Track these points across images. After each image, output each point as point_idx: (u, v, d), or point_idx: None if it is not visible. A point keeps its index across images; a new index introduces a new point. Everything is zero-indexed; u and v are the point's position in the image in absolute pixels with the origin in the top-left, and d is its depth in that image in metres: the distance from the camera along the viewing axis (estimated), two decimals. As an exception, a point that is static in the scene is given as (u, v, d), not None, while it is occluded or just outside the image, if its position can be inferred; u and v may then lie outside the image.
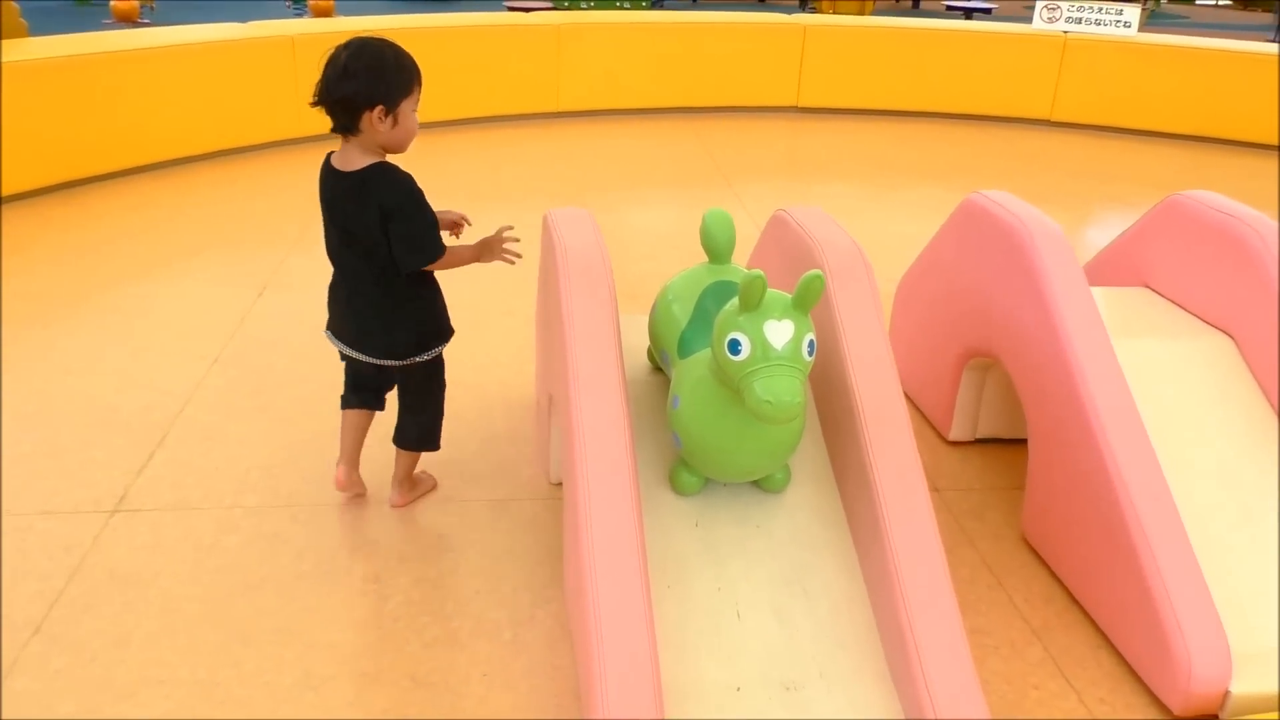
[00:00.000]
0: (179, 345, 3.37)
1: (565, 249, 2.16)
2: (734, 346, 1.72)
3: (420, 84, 2.13)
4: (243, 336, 3.46)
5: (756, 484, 2.04)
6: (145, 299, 3.78)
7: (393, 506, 2.49)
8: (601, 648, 1.68)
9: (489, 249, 2.33)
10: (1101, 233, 4.94)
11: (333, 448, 2.73)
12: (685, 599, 1.89)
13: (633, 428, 1.94)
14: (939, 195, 5.67)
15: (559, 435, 2.47)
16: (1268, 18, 17.15)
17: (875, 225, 4.81)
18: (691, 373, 1.94)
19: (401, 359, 2.30)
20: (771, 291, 1.74)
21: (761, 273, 1.69)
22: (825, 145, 6.85)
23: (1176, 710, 1.91)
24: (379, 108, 2.07)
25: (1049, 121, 7.64)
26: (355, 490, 2.51)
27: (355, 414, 2.45)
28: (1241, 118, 7.14)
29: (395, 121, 2.11)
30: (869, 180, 5.97)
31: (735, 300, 1.77)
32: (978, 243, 2.61)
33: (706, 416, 1.88)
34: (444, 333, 2.38)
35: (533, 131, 6.88)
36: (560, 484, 2.58)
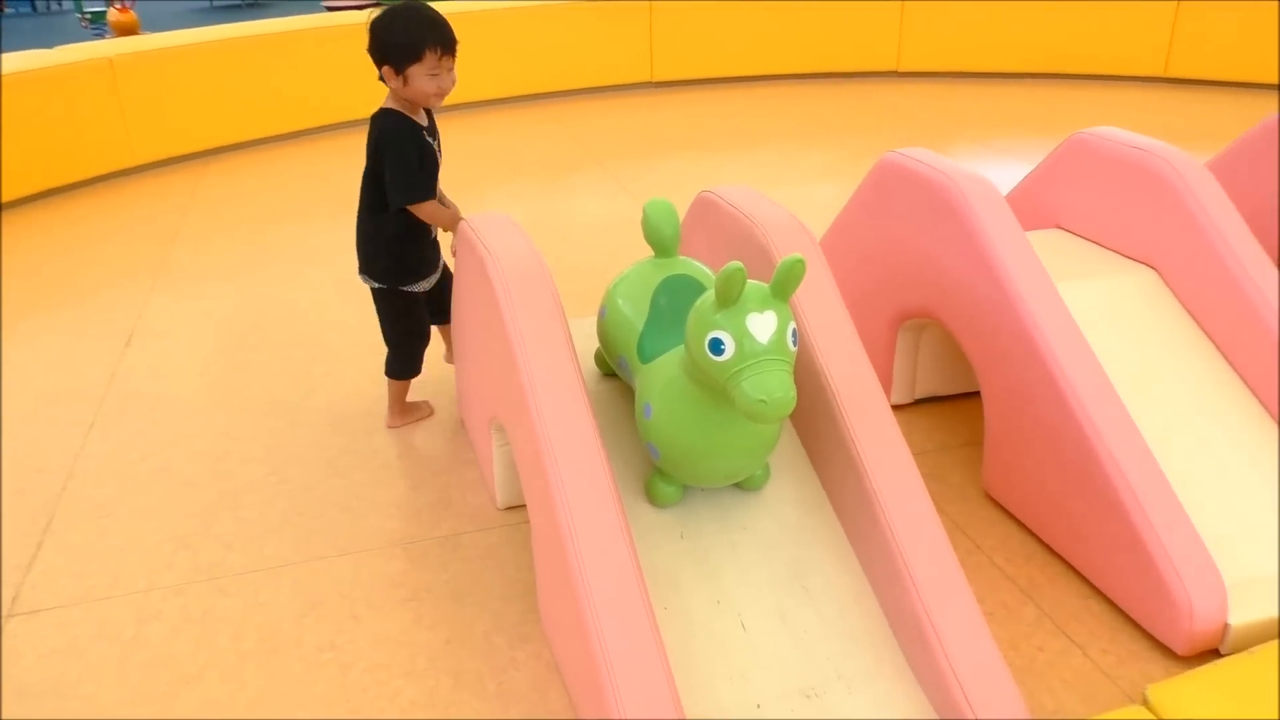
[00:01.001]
0: (45, 413, 3.02)
1: (497, 260, 1.99)
2: (716, 346, 1.60)
3: (440, 52, 2.38)
4: (118, 394, 3.12)
5: (736, 484, 1.93)
6: (-6, 365, 3.39)
7: (388, 427, 2.80)
8: (615, 685, 1.54)
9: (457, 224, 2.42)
10: (989, 175, 5.03)
11: (247, 504, 2.50)
12: (686, 618, 1.77)
13: (604, 444, 1.79)
14: (815, 156, 5.68)
15: (505, 458, 2.31)
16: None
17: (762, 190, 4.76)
18: (660, 377, 1.81)
19: (362, 274, 2.64)
20: (748, 283, 1.62)
21: (740, 264, 1.57)
22: (686, 117, 6.77)
23: (1181, 650, 1.90)
24: (387, 67, 2.41)
25: (896, 72, 7.78)
26: (417, 415, 2.84)
27: None
28: (1071, 50, 7.42)
29: (405, 81, 2.41)
30: (739, 148, 5.93)
31: (708, 296, 1.64)
32: (903, 203, 2.56)
33: (685, 422, 1.75)
34: (395, 273, 2.60)
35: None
36: (511, 509, 2.41)
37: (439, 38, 2.38)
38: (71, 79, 5.41)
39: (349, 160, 5.87)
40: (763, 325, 1.59)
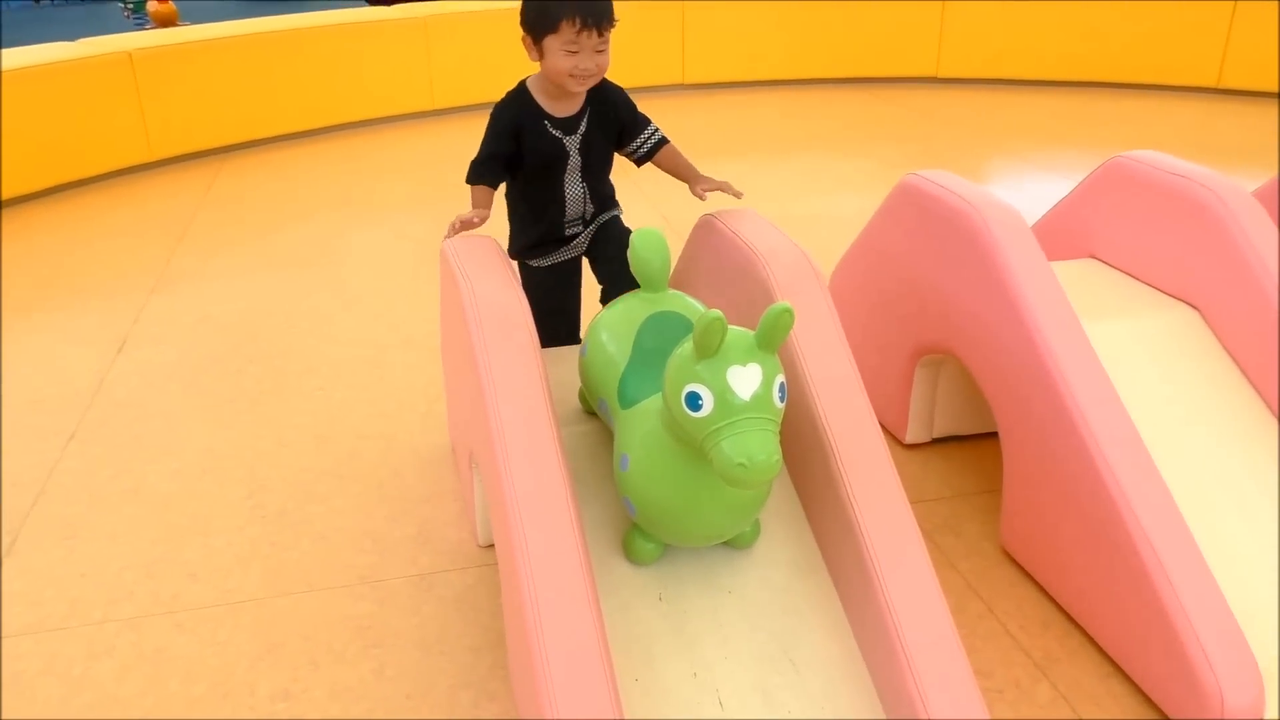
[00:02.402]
0: (26, 421, 2.93)
1: (474, 292, 1.84)
2: (693, 401, 1.44)
3: (580, 24, 2.11)
4: (103, 402, 3.02)
5: (724, 542, 1.77)
6: (-16, 367, 3.30)
7: None
8: (569, 773, 1.39)
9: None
10: (1021, 192, 4.81)
11: (218, 530, 2.38)
12: (658, 692, 1.61)
13: (575, 496, 1.64)
14: (846, 165, 5.49)
15: (484, 494, 2.17)
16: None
17: (786, 205, 4.58)
18: (639, 426, 1.65)
19: None
20: (731, 330, 1.46)
21: (719, 313, 1.40)
22: (716, 121, 6.59)
23: (1210, 744, 1.72)
24: (526, 36, 2.20)
25: (935, 78, 7.55)
26: None
27: None
28: (1122, 60, 7.15)
29: (541, 54, 2.19)
30: (769, 155, 5.74)
31: (687, 344, 1.48)
32: (923, 230, 2.38)
33: (663, 477, 1.59)
34: (516, 246, 2.46)
35: (407, 132, 6.46)
36: (491, 546, 2.26)
37: (582, 7, 2.11)
38: (91, 72, 5.35)
39: (364, 161, 5.82)
40: (746, 379, 1.43)
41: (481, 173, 2.32)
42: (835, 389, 1.81)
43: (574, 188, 2.35)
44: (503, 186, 2.42)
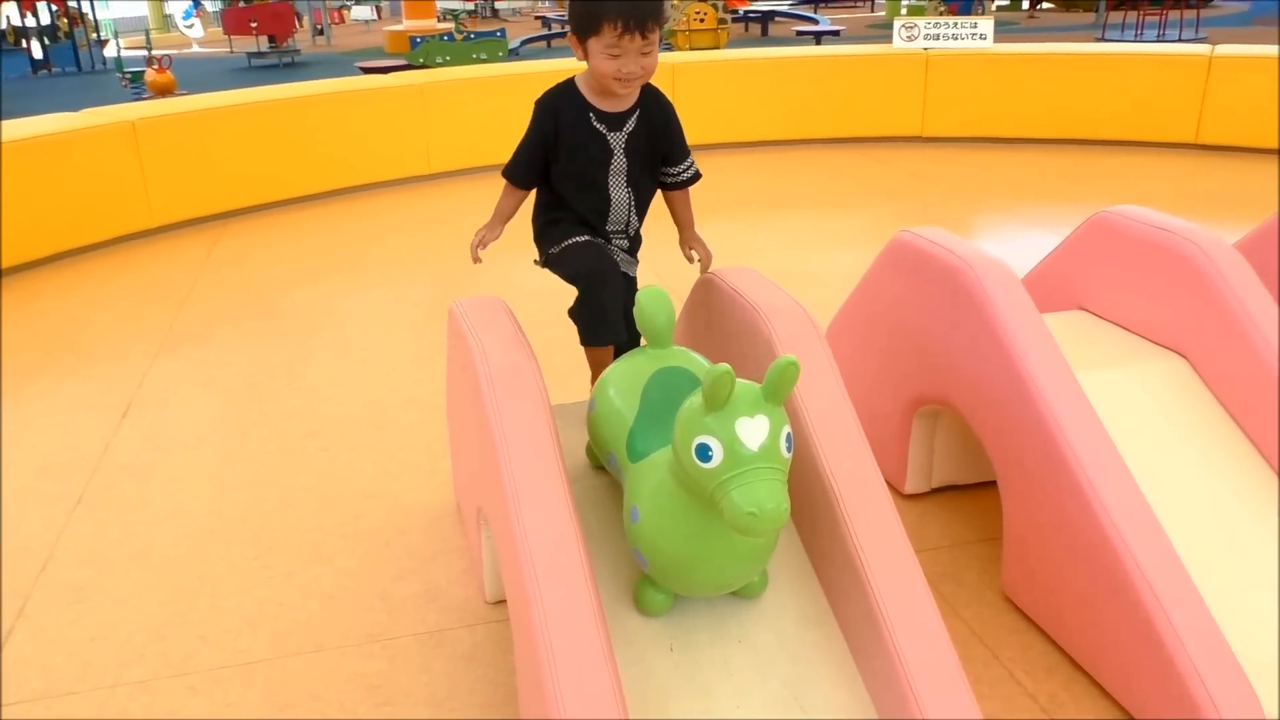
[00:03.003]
0: (32, 486, 2.95)
1: (484, 351, 1.89)
2: (703, 452, 1.48)
3: (622, 28, 2.03)
4: (109, 466, 3.05)
5: (733, 592, 1.80)
6: (-11, 434, 3.33)
7: None
8: (588, 826, 1.40)
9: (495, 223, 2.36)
10: (1009, 246, 4.90)
11: (226, 591, 2.40)
12: (672, 742, 1.63)
13: (588, 550, 1.67)
14: (840, 222, 5.59)
15: (493, 550, 2.19)
16: (1090, 17, 18.08)
17: (781, 262, 4.66)
18: (648, 479, 1.69)
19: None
20: (739, 384, 1.51)
21: (728, 367, 1.45)
22: (709, 182, 6.70)
23: (1216, 787, 1.73)
24: (573, 36, 2.13)
25: (920, 138, 7.71)
26: None
27: None
28: (1101, 117, 7.33)
29: (586, 54, 2.12)
30: (764, 213, 5.85)
31: (696, 398, 1.53)
32: (917, 285, 2.44)
33: (673, 529, 1.63)
34: (540, 249, 2.41)
35: (406, 197, 6.57)
36: (500, 603, 2.28)
37: (625, 9, 2.01)
38: (95, 142, 5.45)
39: (363, 225, 5.91)
40: (753, 431, 1.48)
41: (514, 167, 2.28)
42: (838, 441, 1.85)
43: (619, 191, 2.27)
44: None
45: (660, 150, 2.31)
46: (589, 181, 2.25)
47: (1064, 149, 7.30)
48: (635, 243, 2.43)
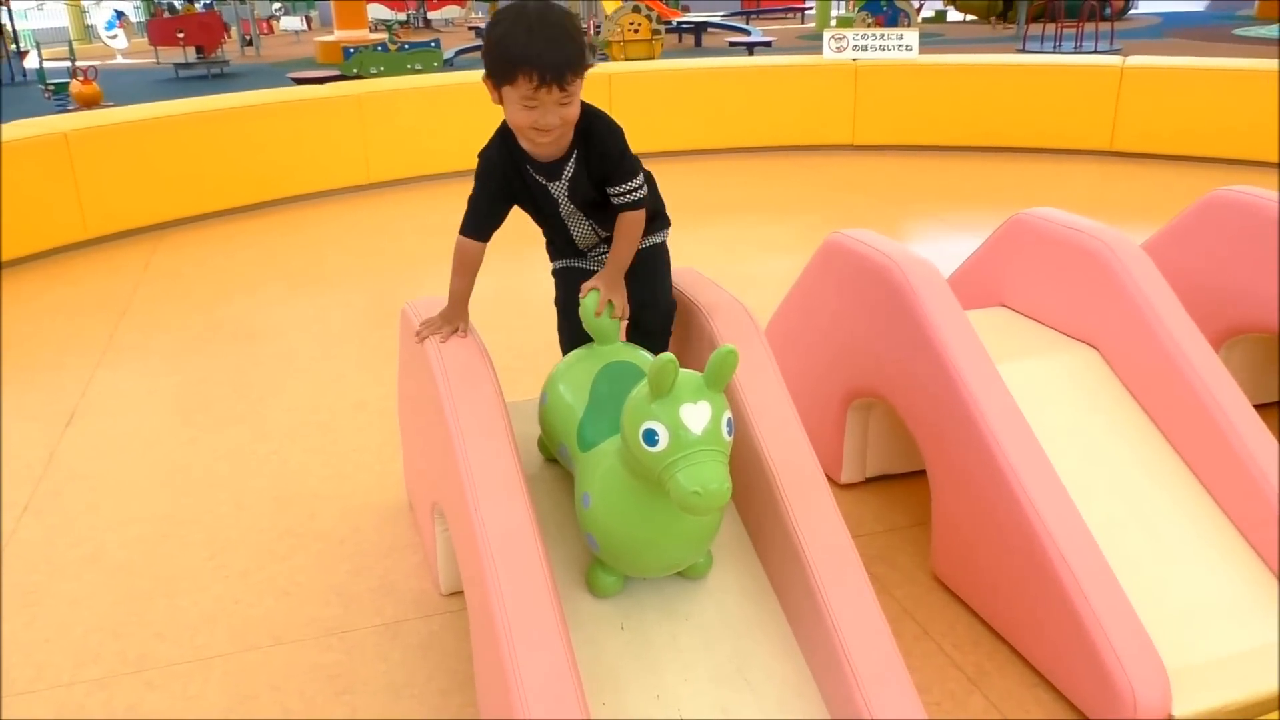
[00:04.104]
0: (-22, 496, 2.94)
1: (437, 345, 1.97)
2: (650, 437, 1.59)
3: (538, 80, 1.81)
4: (55, 475, 3.05)
5: (679, 573, 1.90)
6: (-72, 445, 3.30)
7: None
8: (547, 792, 1.49)
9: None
10: (936, 248, 5.09)
11: (181, 591, 2.43)
12: (623, 713, 1.72)
13: (543, 535, 1.76)
14: (772, 229, 5.75)
15: (447, 544, 2.27)
16: (1011, 29, 18.65)
17: (718, 267, 4.78)
18: (599, 466, 1.78)
19: None
20: (681, 372, 1.61)
21: (672, 356, 1.56)
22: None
23: (1126, 741, 1.88)
24: (488, 79, 1.92)
25: (851, 145, 7.93)
26: None
27: None
28: (1021, 125, 7.61)
29: (500, 100, 1.92)
30: (697, 221, 5.99)
31: (643, 386, 1.63)
32: (849, 284, 2.58)
33: (622, 512, 1.73)
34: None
35: (345, 206, 6.58)
36: (454, 594, 2.36)
37: (538, 60, 1.81)
38: (26, 153, 5.38)
39: (302, 235, 5.92)
40: (697, 416, 1.58)
41: (473, 223, 2.07)
42: (777, 429, 1.97)
43: (579, 225, 2.13)
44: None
45: (604, 178, 2.06)
46: (545, 219, 2.17)
47: (986, 156, 7.57)
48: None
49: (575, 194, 2.06)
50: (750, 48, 15.61)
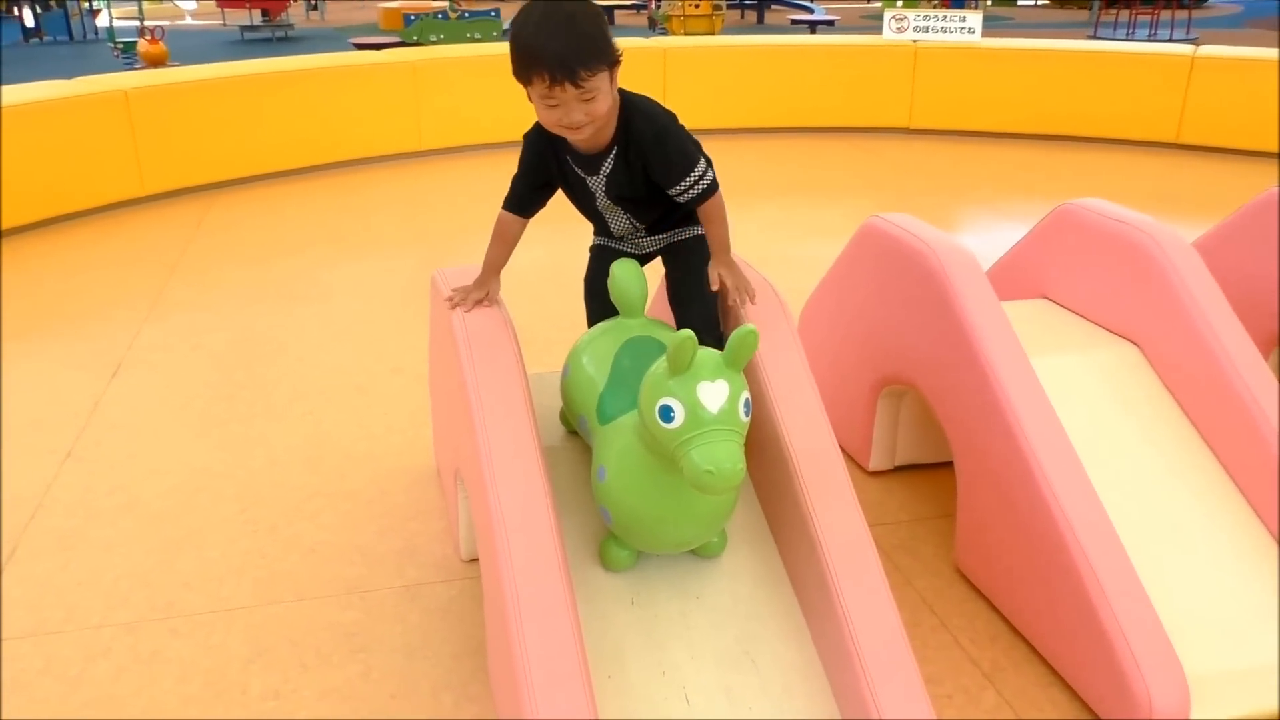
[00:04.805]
0: (23, 440, 3.03)
1: (461, 314, 1.98)
2: (666, 413, 1.58)
3: (550, 80, 1.77)
4: (98, 424, 3.13)
5: (692, 551, 1.90)
6: (-20, 389, 3.40)
7: None
8: (547, 760, 1.51)
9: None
10: (986, 238, 5.01)
11: (211, 543, 2.48)
12: (628, 689, 1.73)
13: (556, 507, 1.77)
14: (818, 213, 5.69)
15: (468, 510, 2.29)
16: (1084, 14, 18.18)
17: (760, 248, 4.75)
18: (616, 440, 1.78)
19: None
20: (701, 350, 1.60)
21: (691, 333, 1.55)
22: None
23: (1140, 746, 1.85)
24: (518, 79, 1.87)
25: (907, 129, 7.81)
26: None
27: None
28: (1085, 114, 7.43)
29: (531, 97, 1.87)
30: (741, 203, 5.94)
31: (662, 363, 1.63)
32: (884, 269, 2.54)
33: (637, 487, 1.73)
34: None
35: (396, 172, 6.63)
36: (474, 560, 2.38)
37: (546, 58, 1.77)
38: (88, 110, 5.50)
39: (352, 199, 5.98)
40: (714, 394, 1.57)
41: (515, 198, 2.07)
42: (799, 413, 1.95)
43: (616, 218, 2.10)
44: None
45: (652, 178, 1.99)
46: (583, 206, 2.13)
47: (1047, 144, 7.40)
48: (662, 229, 2.16)
49: (612, 189, 2.01)
50: (813, 26, 15.40)
